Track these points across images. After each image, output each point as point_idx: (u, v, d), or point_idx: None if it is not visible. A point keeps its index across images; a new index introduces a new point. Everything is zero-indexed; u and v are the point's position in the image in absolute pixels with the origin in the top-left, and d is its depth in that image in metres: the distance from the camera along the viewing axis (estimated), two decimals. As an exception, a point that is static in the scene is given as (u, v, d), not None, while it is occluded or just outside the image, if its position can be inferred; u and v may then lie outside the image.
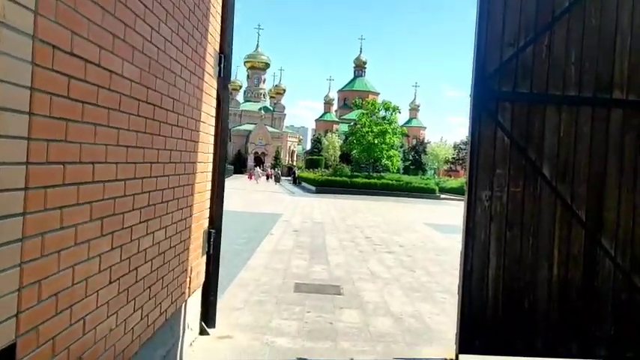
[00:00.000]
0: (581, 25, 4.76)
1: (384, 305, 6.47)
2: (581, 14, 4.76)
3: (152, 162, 3.18)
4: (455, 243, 13.20)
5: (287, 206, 22.93)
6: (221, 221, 5.22)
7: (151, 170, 3.16)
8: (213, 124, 4.89)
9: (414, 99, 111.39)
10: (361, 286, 7.56)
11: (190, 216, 4.23)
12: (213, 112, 4.88)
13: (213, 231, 5.03)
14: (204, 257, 4.90)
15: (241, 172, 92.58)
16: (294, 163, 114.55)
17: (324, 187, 36.15)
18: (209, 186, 4.90)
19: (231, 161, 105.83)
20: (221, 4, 4.88)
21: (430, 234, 15.25)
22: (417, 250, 11.63)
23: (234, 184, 45.10)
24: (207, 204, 4.90)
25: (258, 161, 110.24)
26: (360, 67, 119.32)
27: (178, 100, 3.66)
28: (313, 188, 38.51)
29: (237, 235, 12.10)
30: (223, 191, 5.30)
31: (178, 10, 3.53)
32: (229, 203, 20.23)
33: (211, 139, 4.85)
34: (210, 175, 4.90)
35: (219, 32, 4.94)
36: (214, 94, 4.86)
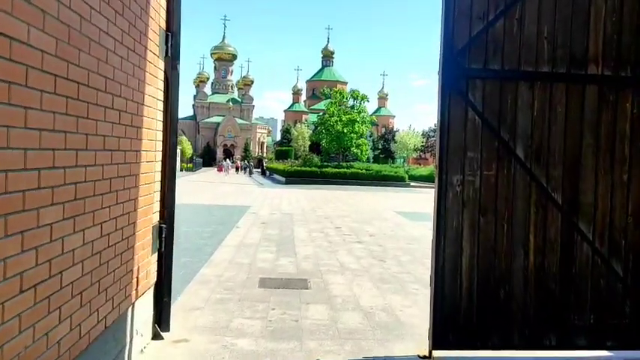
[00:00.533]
0: (553, -4, 4.48)
1: (353, 299, 6.15)
2: (554, -15, 4.48)
3: (79, 149, 2.76)
4: (426, 231, 13.01)
5: (256, 198, 22.49)
6: (173, 215, 4.80)
7: (77, 159, 2.74)
8: (161, 109, 4.46)
9: (382, 87, 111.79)
10: (329, 278, 7.23)
11: (135, 210, 3.82)
12: (161, 96, 4.45)
13: (164, 226, 4.61)
14: (155, 255, 4.49)
15: (211, 165, 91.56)
16: (264, 155, 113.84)
17: (293, 178, 35.75)
18: (158, 177, 4.47)
19: (200, 154, 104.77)
20: (165, -23, 4.44)
21: (401, 222, 15.04)
22: (387, 240, 11.37)
23: (202, 177, 44.37)
24: (157, 196, 4.48)
25: (228, 153, 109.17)
26: (327, 57, 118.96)
27: (113, 79, 3.23)
28: (283, 179, 38.06)
29: (202, 229, 11.65)
30: (175, 182, 4.87)
31: (108, -25, 3.10)
32: (196, 196, 19.68)
33: (159, 125, 4.42)
34: (159, 165, 4.47)
35: (165, 8, 4.50)
36: (161, 75, 4.43)
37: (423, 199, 25.36)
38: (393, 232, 12.82)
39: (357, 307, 5.78)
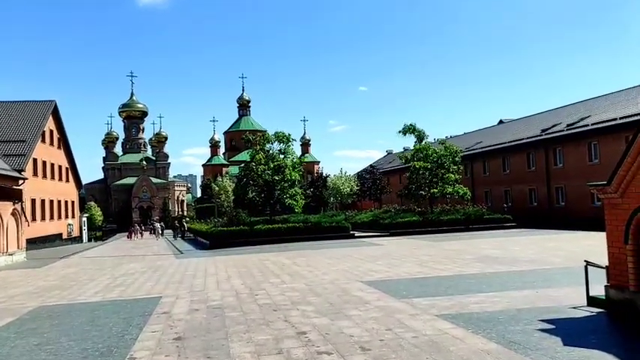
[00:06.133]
0: None
1: None
2: None
3: None
4: (438, 323, 8.13)
5: (171, 277, 16.88)
6: None
7: None
8: None
9: (305, 133, 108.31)
10: None
11: None
12: None
13: None
14: None
15: (126, 231, 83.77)
16: (185, 213, 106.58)
17: (219, 240, 30.18)
18: None
19: (115, 219, 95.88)
20: None
21: (386, 305, 10.19)
22: (395, 357, 6.49)
23: (108, 250, 37.68)
24: None
25: (145, 215, 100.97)
26: (244, 107, 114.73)
27: None
28: (207, 242, 32.40)
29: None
30: None
31: None
32: (82, 288, 13.79)
33: None
34: None
35: None
36: None
37: (380, 255, 20.78)
38: (390, 331, 7.96)
39: None
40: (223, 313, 10.17)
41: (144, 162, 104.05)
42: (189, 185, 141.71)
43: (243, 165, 39.10)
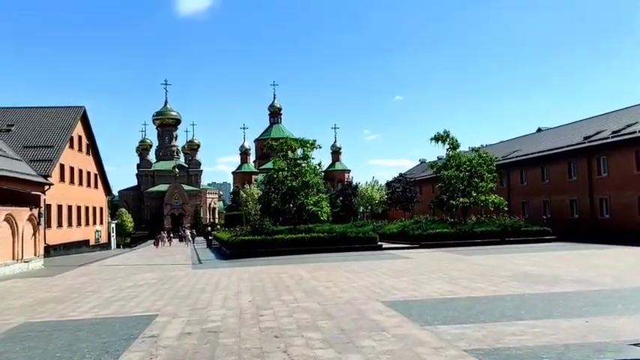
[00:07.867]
0: None
1: None
2: None
3: None
4: (461, 357, 6.65)
5: (178, 291, 15.64)
6: None
7: None
8: None
9: (335, 141, 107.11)
10: None
11: None
12: None
13: None
14: None
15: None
16: (217, 221, 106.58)
17: (240, 250, 28.97)
18: None
19: (147, 226, 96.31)
20: None
21: (405, 334, 8.65)
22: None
23: (132, 257, 36.98)
24: None
25: (177, 222, 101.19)
26: (275, 114, 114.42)
27: None
28: (228, 252, 31.27)
29: None
30: None
31: None
32: (80, 301, 11.87)
33: None
34: None
35: None
36: None
37: (406, 270, 19.18)
38: (407, 371, 6.47)
39: None
40: (217, 338, 8.81)
41: (176, 169, 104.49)
42: (220, 193, 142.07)
43: (267, 174, 37.95)
